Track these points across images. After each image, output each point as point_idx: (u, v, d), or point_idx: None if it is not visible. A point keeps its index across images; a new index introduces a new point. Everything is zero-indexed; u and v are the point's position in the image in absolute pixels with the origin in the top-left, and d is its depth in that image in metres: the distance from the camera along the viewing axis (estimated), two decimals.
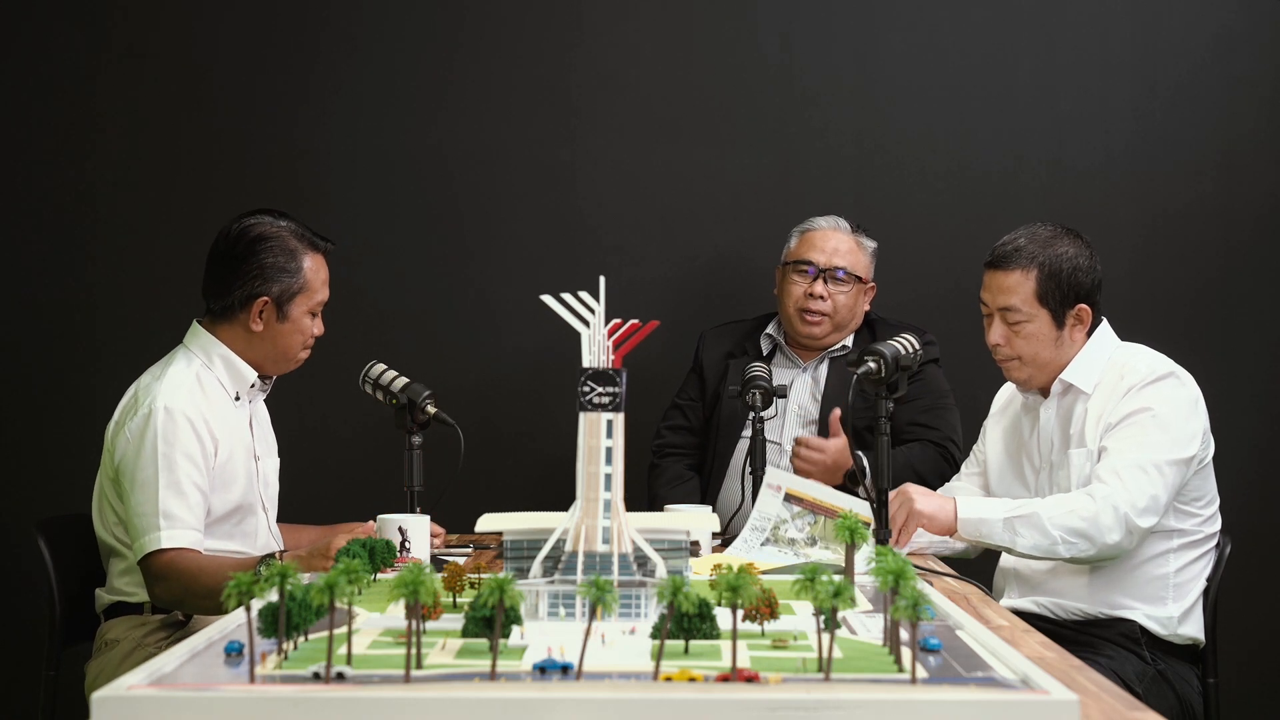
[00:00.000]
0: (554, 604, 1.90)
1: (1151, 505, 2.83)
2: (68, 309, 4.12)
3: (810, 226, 3.78)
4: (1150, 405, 2.89)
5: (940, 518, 2.87)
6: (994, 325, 3.04)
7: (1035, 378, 3.04)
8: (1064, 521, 2.81)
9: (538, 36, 4.17)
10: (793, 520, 2.99)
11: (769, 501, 3.05)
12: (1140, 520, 2.82)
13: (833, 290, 3.68)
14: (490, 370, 4.15)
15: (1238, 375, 3.96)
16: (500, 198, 4.17)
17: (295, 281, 2.92)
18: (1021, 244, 3.00)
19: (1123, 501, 2.81)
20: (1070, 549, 2.82)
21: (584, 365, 1.92)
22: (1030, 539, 2.82)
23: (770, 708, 1.45)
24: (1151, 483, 2.83)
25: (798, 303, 3.70)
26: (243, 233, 2.92)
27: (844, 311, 3.71)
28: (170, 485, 2.75)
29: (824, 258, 3.70)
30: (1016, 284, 2.98)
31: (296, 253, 2.93)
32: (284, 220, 2.96)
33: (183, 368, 2.89)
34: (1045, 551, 2.84)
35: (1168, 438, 2.86)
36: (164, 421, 2.77)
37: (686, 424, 3.85)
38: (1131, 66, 4.13)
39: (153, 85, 4.13)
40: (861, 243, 3.77)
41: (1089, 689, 1.74)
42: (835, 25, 4.16)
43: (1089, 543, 2.81)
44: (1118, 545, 2.83)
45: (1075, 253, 3.00)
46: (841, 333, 3.75)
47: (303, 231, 2.96)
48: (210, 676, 1.60)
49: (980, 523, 2.86)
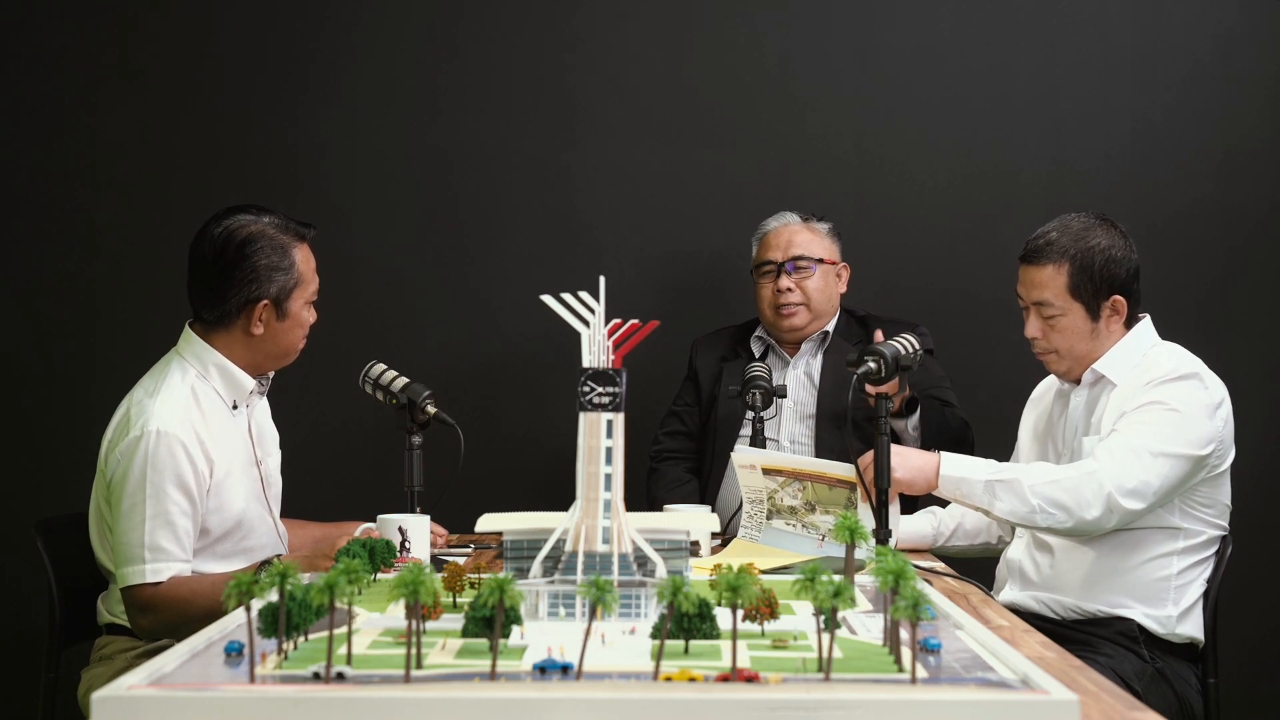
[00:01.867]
0: (554, 604, 1.90)
1: (1140, 489, 2.81)
2: (67, 308, 4.12)
3: (763, 229, 3.85)
4: (1164, 400, 2.88)
5: (919, 480, 2.87)
6: (1030, 319, 3.03)
7: (1074, 369, 3.04)
8: (1044, 491, 2.81)
9: (538, 37, 4.17)
10: (782, 489, 2.99)
11: (751, 478, 3.06)
12: (1124, 501, 2.80)
13: (799, 279, 3.73)
14: (490, 370, 4.15)
15: (1238, 375, 3.94)
16: (500, 198, 4.17)
17: (290, 278, 2.84)
18: (1053, 237, 2.99)
19: (1108, 479, 2.79)
20: (1047, 518, 2.82)
21: (584, 365, 1.92)
22: (1008, 504, 2.82)
23: (770, 708, 1.45)
24: (1144, 468, 2.81)
25: (770, 302, 3.76)
26: (229, 237, 2.81)
27: (817, 296, 3.74)
28: (157, 516, 2.67)
29: (780, 253, 3.76)
30: (1049, 278, 2.98)
31: (287, 248, 2.84)
32: (265, 215, 2.86)
33: (177, 382, 2.80)
34: (1022, 518, 2.83)
35: (1174, 431, 2.85)
36: (154, 446, 2.68)
37: (683, 429, 3.87)
38: (1131, 67, 4.13)
39: (152, 87, 4.13)
40: (814, 228, 3.81)
41: (1089, 689, 1.74)
42: (835, 27, 4.16)
43: (1066, 514, 2.80)
44: (1096, 522, 2.82)
45: (1108, 244, 2.98)
46: (822, 319, 3.78)
47: (286, 223, 2.87)
48: (210, 676, 1.60)
49: (961, 481, 2.85)
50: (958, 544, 3.19)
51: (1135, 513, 2.84)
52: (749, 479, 3.08)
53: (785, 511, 2.98)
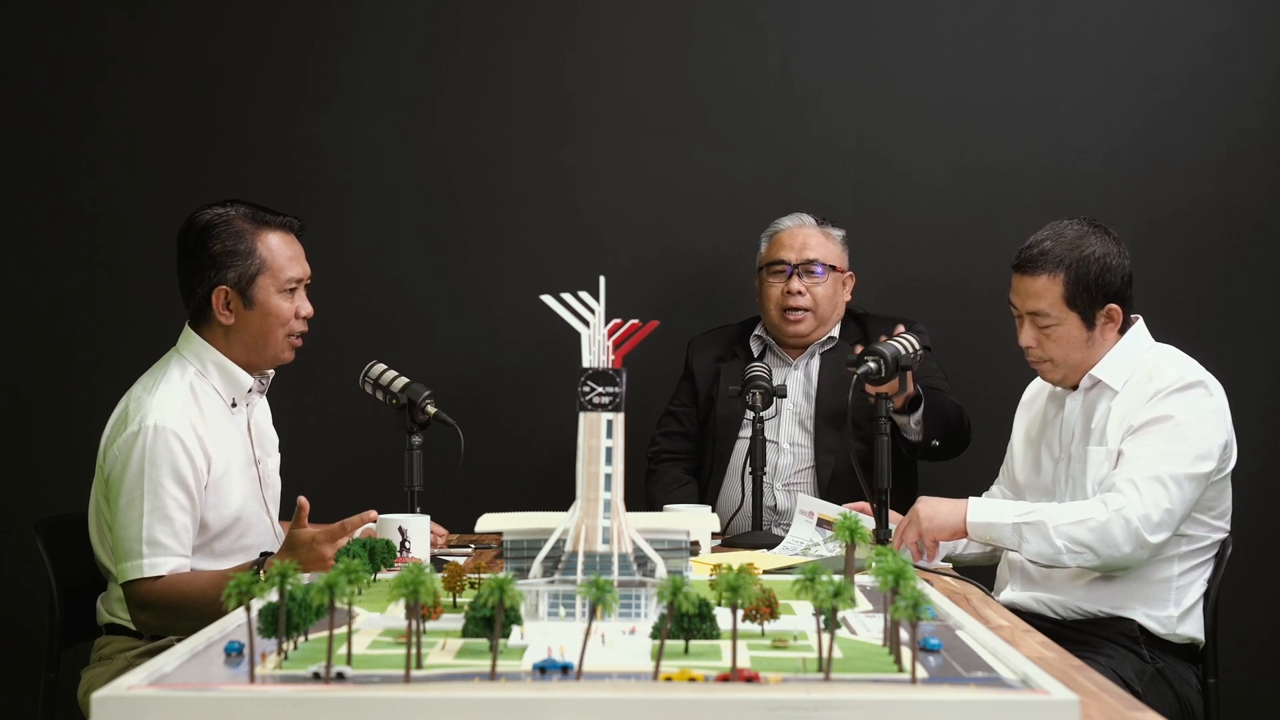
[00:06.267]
0: (554, 604, 1.90)
1: (1165, 520, 2.81)
2: (67, 308, 4.12)
3: (777, 228, 3.81)
4: (1174, 413, 2.86)
5: (950, 525, 2.87)
6: (1024, 328, 3.02)
7: (1069, 377, 3.03)
8: (1070, 531, 2.79)
9: (538, 36, 4.17)
10: (825, 544, 3.00)
11: (802, 526, 3.10)
12: (1152, 536, 2.79)
13: (809, 284, 3.71)
14: (490, 370, 4.15)
15: (1238, 376, 3.94)
16: (500, 198, 4.17)
17: (250, 263, 2.81)
18: (1048, 246, 2.96)
19: (1136, 515, 2.78)
20: (1075, 558, 2.81)
21: (584, 365, 1.92)
22: (1035, 546, 2.82)
23: (770, 708, 1.45)
24: (1169, 496, 2.80)
25: (778, 303, 3.73)
26: (189, 227, 2.84)
27: (824, 304, 3.73)
28: (155, 510, 2.67)
29: (795, 254, 3.73)
30: (1044, 288, 2.96)
31: (244, 234, 2.81)
32: (236, 206, 2.85)
33: (175, 378, 2.80)
34: (1049, 559, 2.83)
35: (1189, 450, 2.84)
36: (152, 441, 2.68)
37: (681, 430, 3.87)
38: (1132, 67, 4.13)
39: (152, 87, 4.13)
40: (829, 233, 3.79)
41: (1089, 689, 1.74)
42: (835, 26, 4.16)
43: (1094, 554, 2.80)
44: (1126, 558, 2.82)
45: (1103, 251, 2.96)
46: (826, 325, 3.77)
47: (254, 212, 2.85)
48: (210, 676, 1.60)
49: (990, 526, 2.85)
50: (973, 551, 3.18)
51: (1163, 545, 2.85)
52: (800, 528, 3.08)
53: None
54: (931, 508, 2.87)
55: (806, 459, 3.69)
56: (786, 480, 3.67)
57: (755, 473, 3.34)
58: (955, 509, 2.87)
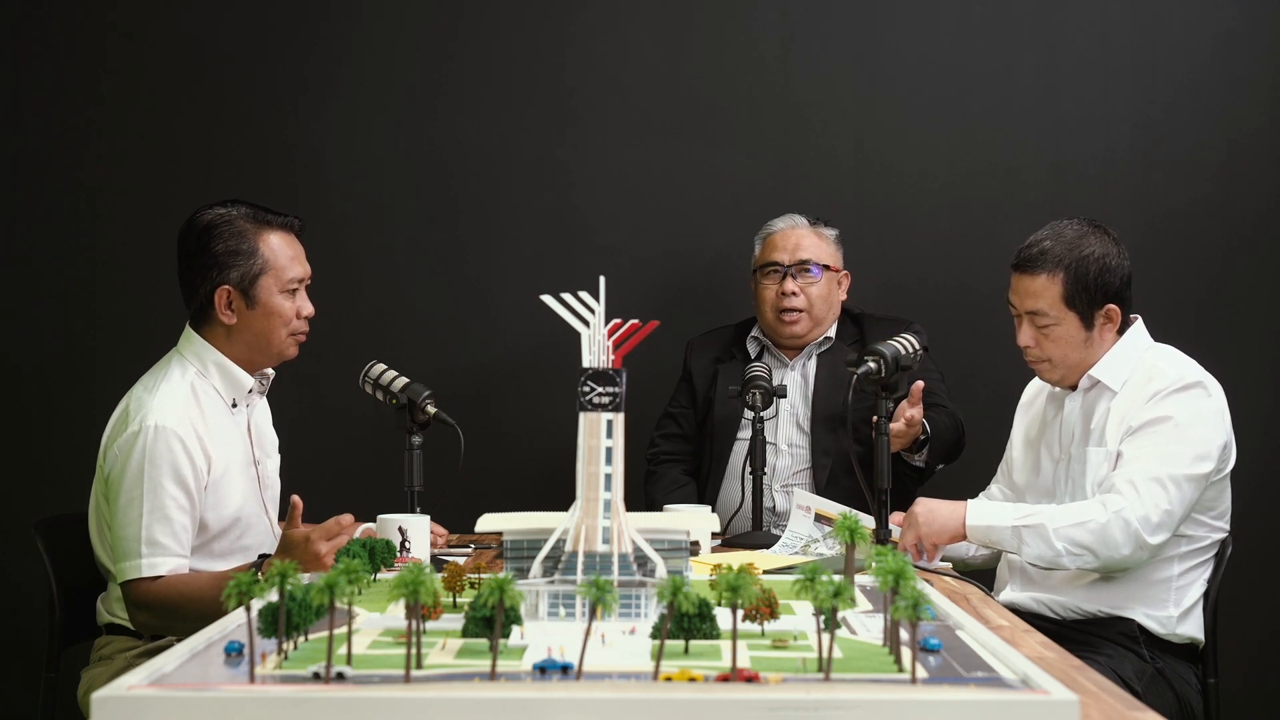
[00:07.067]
0: (554, 604, 1.90)
1: (1165, 521, 2.81)
2: (67, 308, 4.12)
3: (770, 229, 3.81)
4: (1173, 414, 2.86)
5: (949, 529, 2.87)
6: (1023, 327, 3.01)
7: (1068, 377, 3.02)
8: (1070, 534, 2.79)
9: (537, 36, 4.17)
10: (824, 540, 3.00)
11: (800, 521, 3.09)
12: (1151, 537, 2.79)
13: (804, 285, 3.71)
14: (490, 370, 4.15)
15: (1238, 376, 3.94)
16: (500, 198, 4.17)
17: (253, 263, 2.82)
18: (1047, 246, 2.96)
19: (1135, 516, 2.78)
20: (1074, 560, 2.81)
21: (584, 365, 1.92)
22: (1035, 549, 2.81)
23: (770, 708, 1.45)
24: (1168, 498, 2.80)
25: (773, 304, 3.73)
26: (191, 227, 2.84)
27: (820, 304, 3.73)
28: (154, 510, 2.67)
29: (788, 255, 3.73)
30: (1043, 288, 2.96)
31: (247, 234, 2.82)
32: (238, 206, 2.86)
33: (176, 378, 2.80)
34: (1049, 562, 2.83)
35: (1189, 450, 2.84)
36: (152, 441, 2.68)
37: (680, 431, 3.87)
38: (1132, 67, 4.13)
39: (152, 86, 4.13)
40: (822, 233, 3.79)
41: (1089, 689, 1.74)
42: (834, 26, 4.16)
43: (1094, 556, 2.80)
44: (1126, 560, 2.82)
45: (1102, 251, 2.96)
46: (821, 326, 3.77)
47: (256, 212, 2.86)
48: (210, 676, 1.60)
49: (989, 530, 2.85)
50: (983, 554, 3.17)
51: (1163, 546, 2.85)
52: (798, 522, 3.08)
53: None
54: (929, 510, 2.87)
55: (804, 460, 3.69)
56: (785, 481, 3.67)
57: (755, 473, 3.34)
58: (954, 512, 2.87)
